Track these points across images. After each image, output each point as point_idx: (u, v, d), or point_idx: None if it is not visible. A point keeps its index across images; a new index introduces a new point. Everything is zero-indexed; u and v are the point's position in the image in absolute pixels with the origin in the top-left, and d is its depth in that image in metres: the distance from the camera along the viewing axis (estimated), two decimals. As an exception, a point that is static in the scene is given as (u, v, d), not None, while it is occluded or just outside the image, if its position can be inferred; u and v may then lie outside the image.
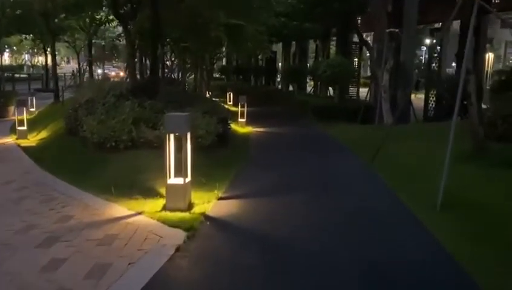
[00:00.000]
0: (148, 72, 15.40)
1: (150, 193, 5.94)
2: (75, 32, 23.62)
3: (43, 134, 12.22)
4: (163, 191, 5.53)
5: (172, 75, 27.02)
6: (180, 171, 5.26)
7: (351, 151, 9.68)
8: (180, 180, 5.24)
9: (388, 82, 13.85)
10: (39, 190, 6.32)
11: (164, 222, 4.70)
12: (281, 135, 12.70)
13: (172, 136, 5.23)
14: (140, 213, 5.05)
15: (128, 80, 13.18)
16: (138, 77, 13.93)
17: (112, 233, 4.43)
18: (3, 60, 46.32)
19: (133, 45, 12.32)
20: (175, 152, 5.30)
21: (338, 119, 14.85)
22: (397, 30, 13.93)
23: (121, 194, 5.93)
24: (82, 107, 10.30)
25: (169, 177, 5.26)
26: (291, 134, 12.87)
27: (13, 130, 12.45)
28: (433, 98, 16.96)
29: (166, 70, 26.72)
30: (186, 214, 4.98)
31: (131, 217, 4.93)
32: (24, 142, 11.18)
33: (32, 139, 11.66)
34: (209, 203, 5.51)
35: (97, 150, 8.40)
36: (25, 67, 47.65)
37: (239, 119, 14.08)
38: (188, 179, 5.37)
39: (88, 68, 24.02)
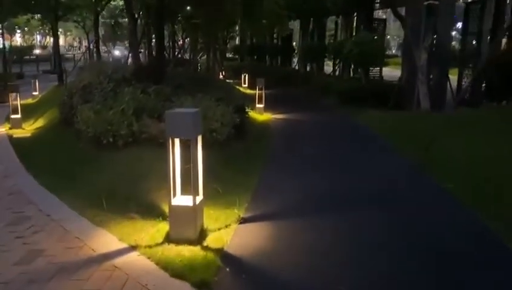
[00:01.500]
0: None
1: (151, 210, 4.60)
2: (82, 10, 22.16)
3: (40, 122, 10.96)
4: (166, 207, 4.16)
5: (184, 56, 25.54)
6: (188, 187, 3.89)
7: (393, 146, 8.17)
8: (188, 201, 3.85)
9: (426, 62, 12.20)
10: (12, 203, 5.01)
11: (166, 266, 3.33)
12: (304, 123, 11.21)
13: (177, 141, 3.83)
14: (133, 248, 3.69)
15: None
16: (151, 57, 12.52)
17: (89, 289, 3.08)
18: (14, 41, 45.29)
19: (135, 19, 10.84)
20: (182, 162, 3.92)
21: (366, 104, 13.28)
22: (437, 2, 12.20)
23: (113, 210, 4.61)
24: (78, 94, 8.96)
25: (174, 195, 3.89)
26: (316, 122, 11.37)
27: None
28: (467, 78, 15.22)
29: (177, 50, 25.25)
30: (196, 250, 3.61)
31: (121, 254, 3.58)
32: (17, 133, 9.94)
33: (28, 129, 10.41)
34: (227, 228, 4.12)
35: (92, 147, 7.07)
36: (36, 48, 46.45)
37: (257, 105, 12.61)
38: (200, 198, 3.99)
39: (95, 48, 22.65)
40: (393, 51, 51.51)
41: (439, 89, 13.03)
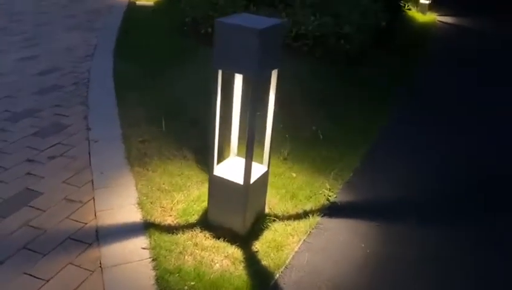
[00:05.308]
0: None
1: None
2: None
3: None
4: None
5: None
6: (247, 149, 2.34)
7: None
8: (238, 173, 2.33)
9: None
10: (65, 99, 4.05)
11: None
12: (488, 38, 8.18)
13: (238, 79, 2.23)
14: (147, 227, 2.40)
15: None
16: None
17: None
18: None
19: None
20: (242, 111, 2.35)
21: None
22: None
23: (169, 136, 3.38)
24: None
25: (217, 161, 2.39)
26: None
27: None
28: None
29: None
30: (234, 258, 2.17)
31: (124, 237, 2.30)
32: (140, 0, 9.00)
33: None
34: (301, 222, 2.54)
35: (192, 35, 5.75)
36: None
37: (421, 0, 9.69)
38: (263, 170, 2.44)
39: None
40: None
41: None
